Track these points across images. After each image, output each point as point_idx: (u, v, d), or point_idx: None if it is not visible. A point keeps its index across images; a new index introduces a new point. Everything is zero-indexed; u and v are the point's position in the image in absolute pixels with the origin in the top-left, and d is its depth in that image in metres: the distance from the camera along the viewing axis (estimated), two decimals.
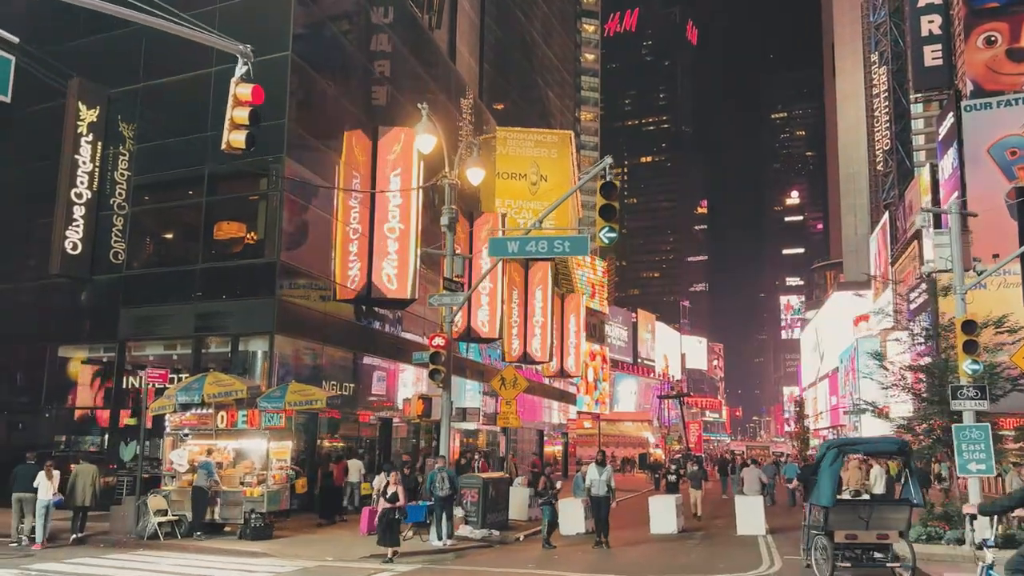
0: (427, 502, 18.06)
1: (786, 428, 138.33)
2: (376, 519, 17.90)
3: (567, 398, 57.95)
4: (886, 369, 20.68)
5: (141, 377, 20.72)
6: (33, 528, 16.79)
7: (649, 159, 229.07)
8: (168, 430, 18.58)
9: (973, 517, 11.17)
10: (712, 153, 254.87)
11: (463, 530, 18.44)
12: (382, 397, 28.45)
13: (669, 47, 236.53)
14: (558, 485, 20.86)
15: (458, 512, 18.45)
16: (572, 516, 20.03)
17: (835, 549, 12.42)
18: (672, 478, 25.06)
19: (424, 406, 17.92)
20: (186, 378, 19.27)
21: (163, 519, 17.43)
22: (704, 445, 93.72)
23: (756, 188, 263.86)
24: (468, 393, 38.07)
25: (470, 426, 38.31)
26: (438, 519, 17.14)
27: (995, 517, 9.19)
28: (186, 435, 18.35)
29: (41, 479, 16.76)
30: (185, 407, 17.98)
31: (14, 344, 25.59)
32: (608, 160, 13.81)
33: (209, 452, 17.97)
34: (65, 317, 25.00)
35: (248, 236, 23.25)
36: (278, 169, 22.28)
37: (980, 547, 8.43)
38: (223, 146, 11.13)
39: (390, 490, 14.82)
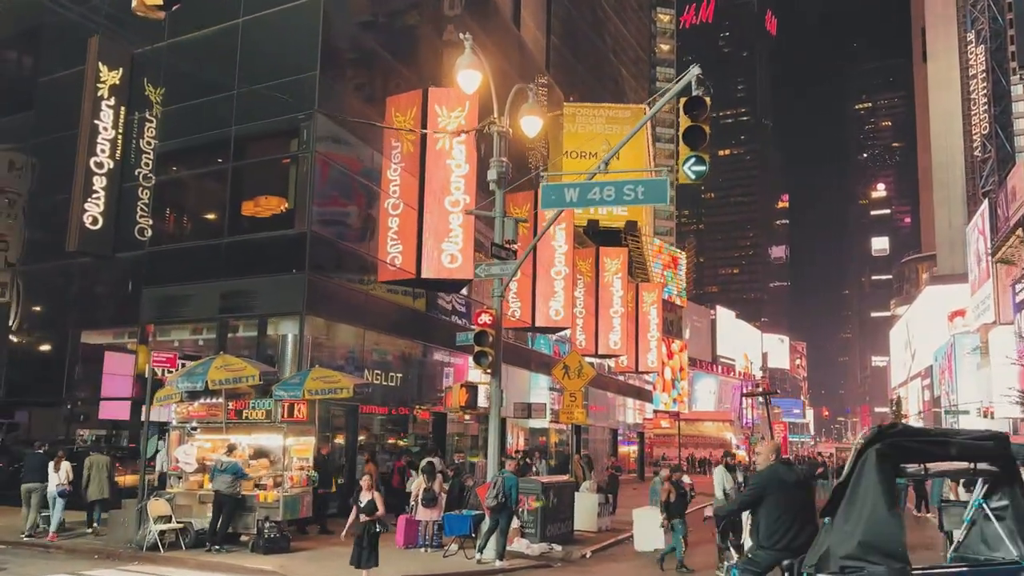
0: (472, 511, 15.10)
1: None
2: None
3: (643, 395, 54.37)
4: None
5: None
6: (46, 519, 16.57)
7: (727, 152, 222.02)
8: (174, 423, 16.03)
9: (717, 522, 9.84)
10: (793, 146, 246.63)
11: (519, 544, 15.40)
12: (438, 389, 25.64)
13: (747, 38, 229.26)
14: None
15: (514, 523, 15.41)
16: (649, 528, 16.79)
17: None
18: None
19: (468, 396, 14.93)
20: (190, 363, 16.66)
21: (166, 527, 14.85)
22: (787, 447, 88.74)
23: (839, 181, 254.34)
24: (535, 388, 35.02)
25: (537, 424, 35.27)
26: (488, 532, 14.13)
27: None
28: (194, 429, 15.75)
29: (50, 469, 16.61)
30: (192, 396, 15.38)
31: (36, 331, 23.66)
32: (696, 70, 10.63)
33: (231, 450, 15.17)
34: (87, 300, 22.93)
35: (277, 205, 20.64)
36: (309, 127, 19.61)
37: (728, 548, 8.46)
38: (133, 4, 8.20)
39: (363, 497, 11.69)
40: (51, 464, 16.77)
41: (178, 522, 15.00)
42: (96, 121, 21.58)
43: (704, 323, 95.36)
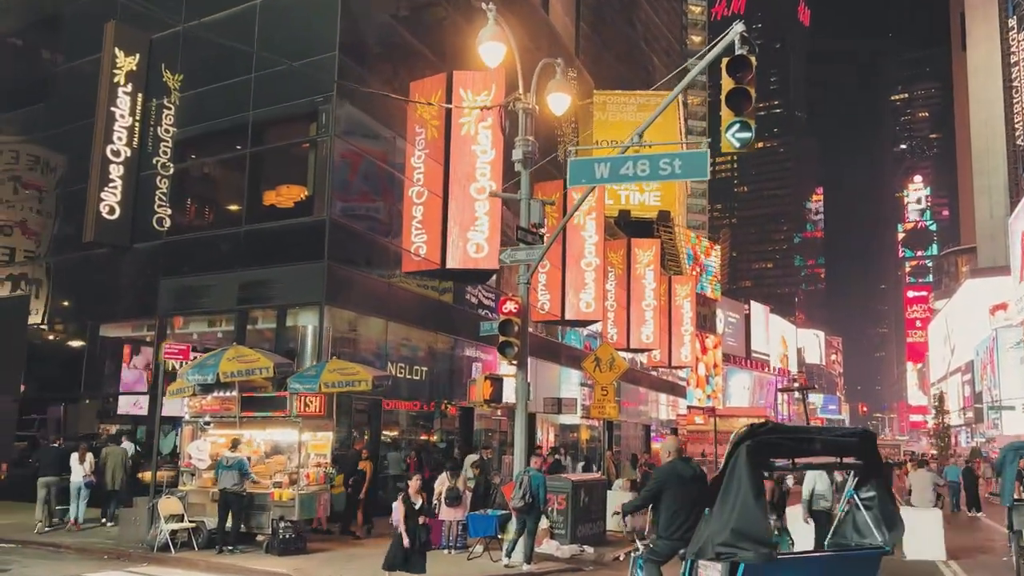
0: (498, 510, 14.25)
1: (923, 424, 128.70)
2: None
3: (677, 391, 53.21)
4: None
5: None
6: (56, 512, 16.97)
7: (760, 145, 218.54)
8: (186, 417, 15.35)
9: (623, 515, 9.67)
10: (827, 138, 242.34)
11: (548, 546, 14.55)
12: (465, 384, 24.78)
13: (780, 29, 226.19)
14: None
15: (543, 523, 14.54)
16: None
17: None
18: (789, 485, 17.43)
19: (492, 389, 14.08)
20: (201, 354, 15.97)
21: (177, 526, 14.18)
22: None
23: (875, 173, 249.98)
24: (566, 383, 34.10)
25: (569, 420, 34.37)
26: (516, 534, 13.26)
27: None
28: (207, 423, 15.06)
29: (74, 461, 16.93)
30: (205, 389, 14.68)
31: (54, 324, 23.20)
32: (739, 27, 9.66)
33: (235, 444, 14.37)
34: (105, 292, 22.34)
35: (297, 192, 19.91)
36: (328, 110, 18.85)
37: (633, 539, 8.78)
38: None
39: (415, 499, 10.79)
40: (75, 456, 17.14)
41: (190, 521, 14.33)
42: (112, 108, 21.12)
43: (738, 318, 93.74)
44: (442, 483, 14.60)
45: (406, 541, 10.25)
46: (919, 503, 16.91)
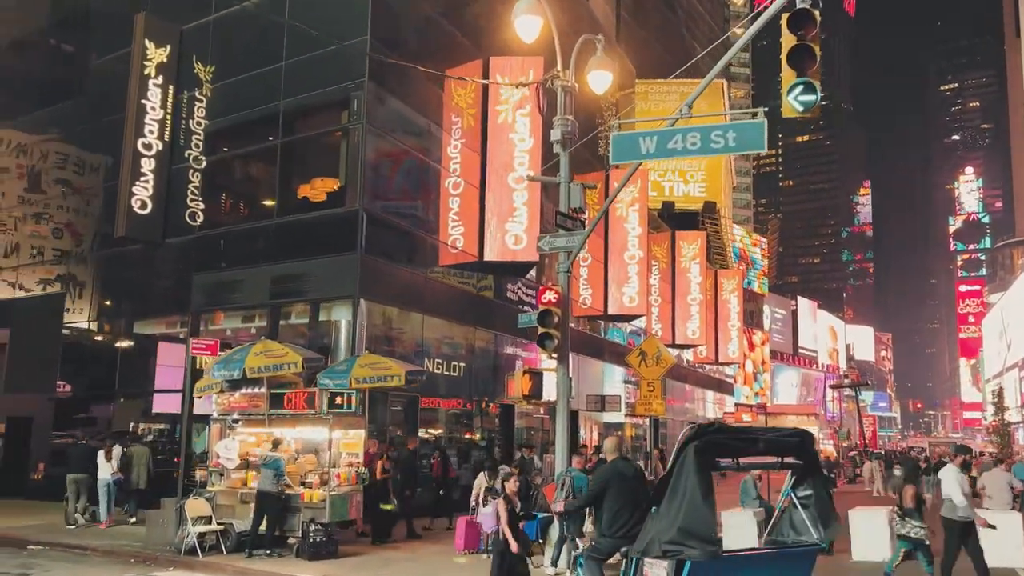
0: (540, 512, 13.44)
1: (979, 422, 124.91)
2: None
3: (724, 388, 51.91)
4: None
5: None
6: (86, 509, 17.17)
7: (806, 138, 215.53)
8: (214, 415, 14.78)
9: (563, 515, 10.44)
10: (875, 130, 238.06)
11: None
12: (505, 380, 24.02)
13: (825, 19, 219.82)
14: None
15: (587, 526, 13.68)
16: (741, 532, 14.88)
17: None
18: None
19: (532, 384, 13.23)
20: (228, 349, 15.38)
21: (205, 528, 13.61)
22: (876, 441, 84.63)
23: (925, 166, 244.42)
24: (609, 380, 33.19)
25: (613, 418, 33.45)
26: (559, 540, 12.44)
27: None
28: (235, 421, 14.46)
29: (101, 459, 17.10)
30: (233, 386, 14.10)
31: (94, 322, 22.89)
32: None
33: (276, 444, 13.80)
34: (139, 289, 22.01)
35: (328, 183, 19.29)
36: (360, 97, 18.20)
37: (574, 538, 9.47)
38: None
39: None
40: (101, 454, 17.25)
41: (218, 523, 13.75)
42: (143, 101, 20.69)
43: (784, 314, 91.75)
44: (480, 484, 13.84)
45: (514, 547, 9.34)
46: (995, 505, 15.69)
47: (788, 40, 8.55)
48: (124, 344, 22.30)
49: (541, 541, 13.06)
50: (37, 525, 17.08)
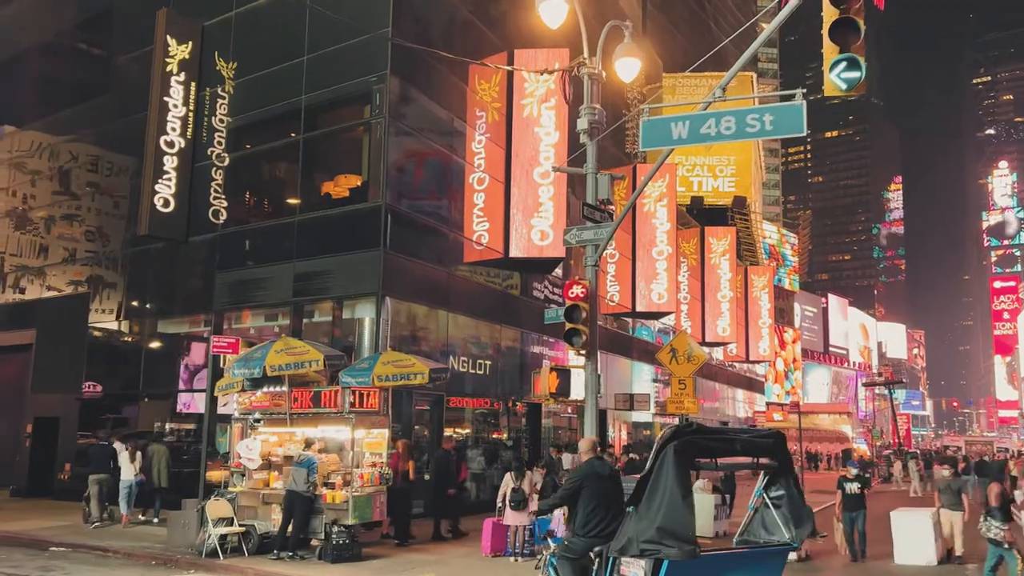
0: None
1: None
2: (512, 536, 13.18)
3: (755, 386, 51.11)
4: None
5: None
6: (104, 508, 17.25)
7: (835, 133, 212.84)
8: (236, 415, 14.50)
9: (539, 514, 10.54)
10: (906, 125, 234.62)
11: None
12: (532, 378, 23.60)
13: None
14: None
15: None
16: None
17: None
18: (854, 487, 14.17)
19: (559, 381, 12.83)
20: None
21: (227, 530, 13.34)
22: (910, 440, 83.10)
23: (957, 160, 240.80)
24: (638, 378, 32.69)
25: (642, 417, 32.95)
26: None
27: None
28: (257, 421, 14.18)
29: (124, 460, 17.32)
30: (255, 384, 13.81)
31: (119, 320, 22.77)
32: None
33: (309, 444, 13.43)
34: (164, 288, 21.87)
35: (351, 178, 18.99)
36: (382, 91, 17.86)
37: (545, 539, 9.08)
38: None
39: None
40: (124, 455, 17.45)
41: (240, 525, 13.47)
42: (166, 98, 20.41)
43: (814, 311, 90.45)
44: (507, 484, 13.44)
45: None
46: None
47: (830, 13, 8.08)
48: (149, 344, 22.16)
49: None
50: (61, 526, 16.97)
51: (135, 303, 22.31)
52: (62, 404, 22.93)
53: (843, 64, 8.13)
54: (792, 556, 14.19)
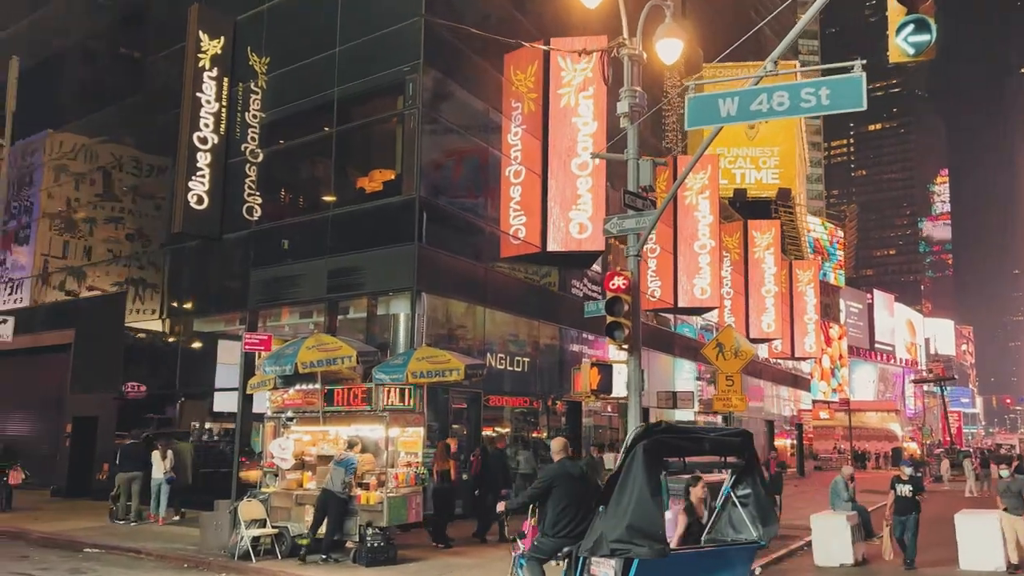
0: None
1: None
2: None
3: (800, 384, 49.91)
4: None
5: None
6: (129, 508, 17.46)
7: (879, 126, 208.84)
8: (268, 413, 14.14)
9: (504, 514, 10.03)
10: (952, 117, 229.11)
11: None
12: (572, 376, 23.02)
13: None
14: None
15: None
16: (832, 539, 13.70)
17: None
18: (905, 489, 13.26)
19: (600, 377, 12.26)
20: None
21: (259, 532, 12.98)
22: (961, 438, 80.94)
23: (1005, 151, 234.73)
24: (680, 376, 31.93)
25: (684, 415, 32.15)
26: None
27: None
28: (289, 419, 13.80)
29: (155, 458, 17.44)
30: (287, 382, 13.44)
31: (161, 319, 22.63)
32: None
33: (351, 445, 12.99)
34: (200, 287, 21.68)
35: (385, 172, 18.59)
36: (415, 80, 17.42)
37: (514, 539, 8.97)
38: None
39: None
40: (156, 453, 17.59)
41: (273, 526, 13.10)
42: (198, 94, 20.26)
43: (860, 307, 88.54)
44: None
45: None
46: None
47: None
48: (185, 343, 21.99)
49: None
50: (96, 527, 16.80)
51: (171, 302, 22.14)
52: (100, 404, 22.87)
53: (911, 27, 7.46)
54: (848, 560, 13.54)
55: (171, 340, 22.15)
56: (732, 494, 6.99)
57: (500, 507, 8.84)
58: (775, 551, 14.64)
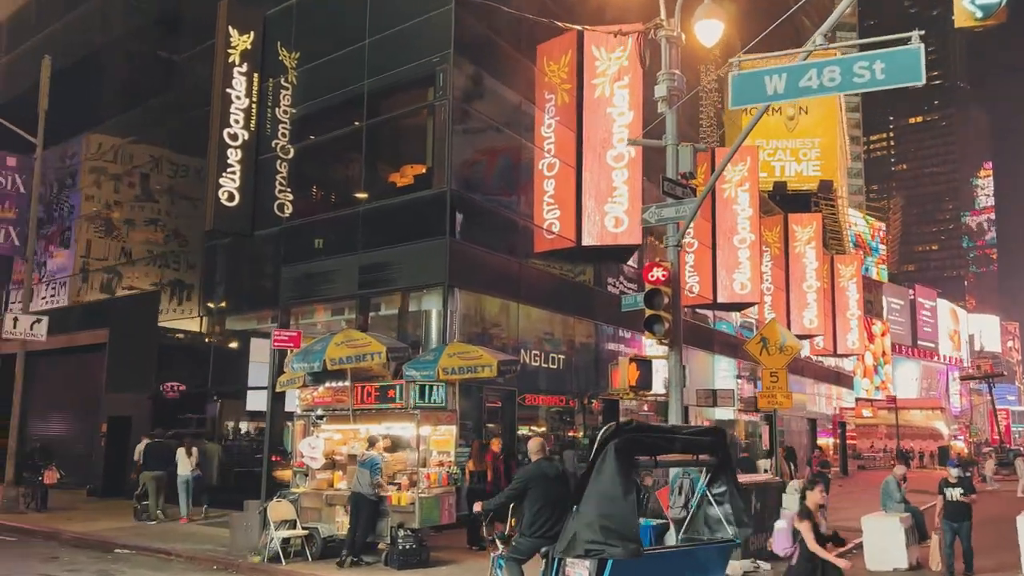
0: (652, 519, 11.93)
1: None
2: None
3: (843, 381, 48.80)
4: None
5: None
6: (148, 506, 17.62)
7: (919, 119, 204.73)
8: (297, 412, 13.82)
9: (484, 515, 9.53)
10: (995, 109, 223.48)
11: None
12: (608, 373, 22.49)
13: None
14: None
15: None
16: (885, 541, 13.06)
17: None
18: (955, 493, 12.25)
19: (640, 373, 11.73)
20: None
21: (289, 533, 12.65)
22: (1010, 436, 78.92)
23: None
24: (720, 373, 31.22)
25: (724, 414, 31.46)
26: None
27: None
28: (319, 418, 13.46)
29: (180, 456, 17.57)
30: (316, 379, 13.10)
31: (186, 317, 22.51)
32: None
33: (372, 442, 12.65)
34: (233, 285, 21.52)
35: (415, 165, 18.22)
36: (445, 71, 17.02)
37: (493, 540, 9.11)
38: None
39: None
40: (181, 452, 17.71)
41: (303, 528, 12.77)
42: (228, 90, 20.10)
43: (902, 303, 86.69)
44: None
45: (842, 563, 7.76)
46: None
47: None
48: (218, 341, 21.83)
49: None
50: (128, 527, 16.67)
51: (206, 301, 21.99)
52: (135, 403, 22.81)
53: None
54: (903, 564, 12.89)
55: (205, 339, 22.00)
56: (707, 493, 6.94)
57: (477, 507, 8.85)
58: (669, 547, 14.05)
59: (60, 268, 27.91)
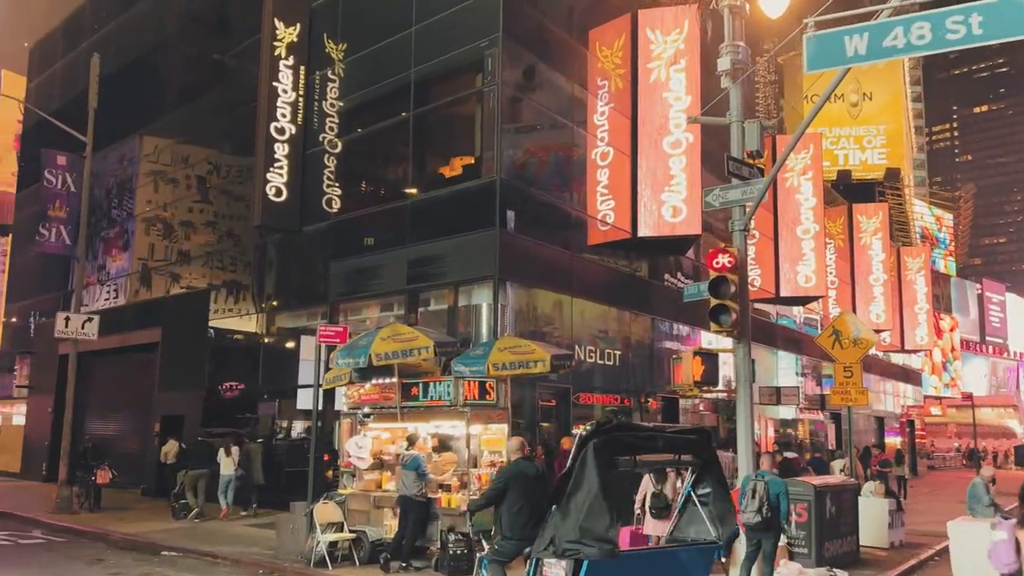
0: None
1: None
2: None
3: (911, 378, 47.00)
4: None
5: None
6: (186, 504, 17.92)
7: (984, 109, 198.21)
8: (344, 410, 13.32)
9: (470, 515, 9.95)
10: None
11: (787, 569, 11.27)
12: (667, 371, 21.62)
13: None
14: None
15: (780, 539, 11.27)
16: (974, 549, 12.03)
17: None
18: None
19: (705, 368, 10.95)
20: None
21: (336, 537, 12.14)
22: None
23: None
24: (782, 370, 30.07)
25: (787, 412, 30.31)
26: (748, 558, 10.17)
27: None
28: (367, 416, 12.93)
29: (221, 456, 17.83)
30: (363, 375, 12.58)
31: (236, 316, 22.27)
32: None
33: (412, 441, 12.15)
34: (280, 281, 21.23)
35: (464, 156, 17.64)
36: (494, 55, 16.39)
37: (479, 540, 9.58)
38: None
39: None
40: (222, 451, 17.97)
41: (351, 530, 12.26)
42: (275, 83, 19.67)
43: (969, 298, 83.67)
44: (645, 488, 11.68)
45: None
46: None
47: None
48: (268, 339, 21.55)
49: (724, 559, 10.76)
50: (177, 528, 16.43)
51: (257, 299, 21.73)
52: (187, 402, 22.69)
53: None
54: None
55: (255, 337, 21.74)
56: (693, 493, 6.82)
57: (463, 508, 8.83)
58: (904, 562, 13.08)
59: (120, 270, 28.03)
